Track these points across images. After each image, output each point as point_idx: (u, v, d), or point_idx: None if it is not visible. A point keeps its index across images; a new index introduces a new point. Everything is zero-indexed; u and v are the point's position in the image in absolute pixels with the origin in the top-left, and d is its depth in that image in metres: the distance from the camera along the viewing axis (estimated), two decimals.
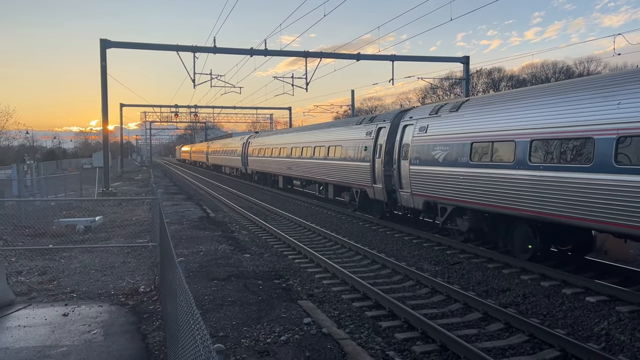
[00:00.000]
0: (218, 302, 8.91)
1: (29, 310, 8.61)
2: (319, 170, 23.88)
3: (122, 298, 9.31)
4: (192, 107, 67.99)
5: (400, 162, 16.20)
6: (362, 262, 12.49)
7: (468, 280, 10.61)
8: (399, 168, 16.22)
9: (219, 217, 21.24)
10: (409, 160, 15.58)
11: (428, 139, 14.72)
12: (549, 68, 67.73)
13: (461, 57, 35.25)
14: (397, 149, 16.48)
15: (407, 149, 15.75)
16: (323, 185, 24.20)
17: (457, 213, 13.66)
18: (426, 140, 14.80)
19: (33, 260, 12.46)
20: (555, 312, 8.47)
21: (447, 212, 14.00)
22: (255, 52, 30.86)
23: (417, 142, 15.22)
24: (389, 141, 17.33)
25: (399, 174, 16.25)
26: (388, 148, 17.31)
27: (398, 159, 16.34)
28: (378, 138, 18.23)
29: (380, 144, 17.90)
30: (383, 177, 17.46)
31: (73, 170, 49.19)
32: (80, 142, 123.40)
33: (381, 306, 8.86)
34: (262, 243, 15.26)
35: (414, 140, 15.39)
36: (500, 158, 11.77)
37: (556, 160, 10.23)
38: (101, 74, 29.29)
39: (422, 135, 15.03)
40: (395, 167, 16.51)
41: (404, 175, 15.94)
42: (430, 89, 68.07)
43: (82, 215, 19.11)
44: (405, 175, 15.82)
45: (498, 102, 12.80)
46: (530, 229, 11.47)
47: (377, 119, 19.21)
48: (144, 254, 12.98)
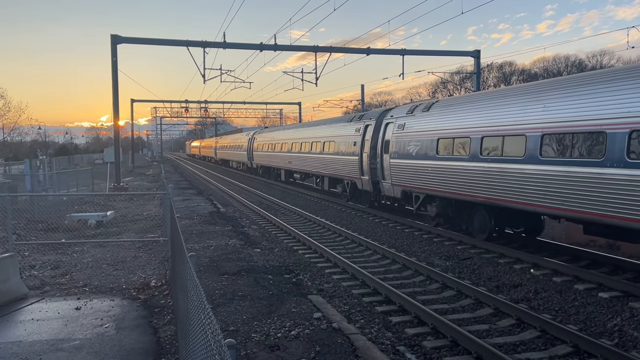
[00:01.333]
0: (229, 296, 8.94)
1: (42, 304, 8.70)
2: (316, 164, 25.85)
3: (133, 292, 9.38)
4: (202, 102, 68.29)
5: (382, 156, 18.06)
6: (372, 257, 12.48)
7: (479, 275, 10.55)
8: (382, 161, 18.13)
9: (230, 211, 21.31)
10: (389, 155, 17.40)
11: (405, 136, 16.55)
12: (560, 62, 67.00)
13: (472, 51, 34.99)
14: (380, 145, 18.34)
15: (388, 144, 17.59)
16: (319, 177, 26.29)
17: (428, 200, 15.55)
18: (403, 137, 16.64)
19: (46, 254, 12.58)
20: (568, 307, 8.40)
21: (419, 200, 15.89)
22: (264, 47, 30.85)
23: (396, 138, 17.07)
24: (374, 137, 19.13)
25: (382, 166, 18.16)
26: (373, 143, 19.07)
27: (381, 153, 18.21)
28: (365, 134, 19.98)
29: (367, 140, 19.65)
30: (369, 169, 19.28)
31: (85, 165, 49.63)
32: (91, 137, 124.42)
33: (391, 301, 8.84)
34: (272, 238, 15.29)
35: (394, 136, 17.24)
36: (459, 152, 13.53)
37: (499, 153, 12.05)
38: (112, 69, 29.45)
39: (400, 132, 16.89)
40: (379, 160, 18.40)
41: (385, 168, 17.80)
42: (441, 83, 67.71)
43: (93, 210, 19.27)
44: (387, 167, 17.70)
45: (457, 105, 14.78)
46: (486, 213, 13.13)
47: (365, 117, 21.05)
48: (155, 249, 13.06)
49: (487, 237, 13.16)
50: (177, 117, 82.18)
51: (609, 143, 9.18)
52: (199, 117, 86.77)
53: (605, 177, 9.23)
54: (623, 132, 8.95)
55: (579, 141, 9.90)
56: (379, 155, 18.34)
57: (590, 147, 9.65)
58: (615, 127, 9.11)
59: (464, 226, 14.32)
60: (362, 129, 20.45)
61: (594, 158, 9.51)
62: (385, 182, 17.99)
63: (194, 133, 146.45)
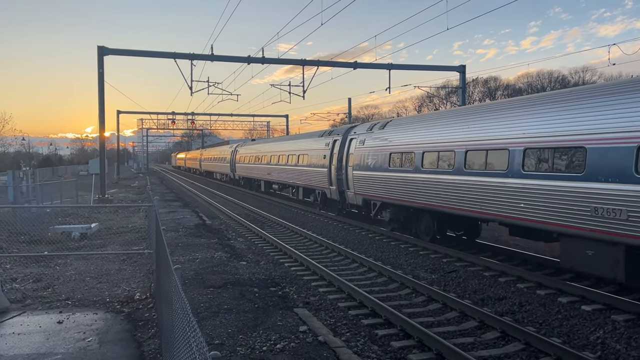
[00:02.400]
0: (214, 309, 8.88)
1: (23, 317, 8.56)
2: (292, 175, 27.84)
3: (117, 305, 9.27)
4: (189, 114, 68.13)
5: (347, 168, 20.13)
6: (358, 270, 12.48)
7: (464, 288, 10.61)
8: (346, 173, 20.15)
9: (215, 224, 21.21)
10: (352, 167, 19.50)
11: (364, 150, 18.60)
12: (544, 77, 68.19)
13: (457, 66, 35.46)
14: (345, 158, 20.45)
15: (351, 157, 19.67)
16: (295, 188, 28.13)
17: (383, 207, 17.64)
18: (363, 151, 18.67)
19: (28, 267, 12.40)
20: (551, 320, 8.48)
21: (377, 207, 17.91)
22: (252, 60, 30.99)
23: (358, 152, 19.12)
24: (340, 151, 21.09)
25: (346, 177, 20.17)
26: (339, 157, 21.06)
27: (345, 165, 20.28)
28: (333, 148, 22.00)
29: (335, 153, 21.67)
30: (336, 180, 21.29)
31: (69, 177, 49.09)
32: (76, 148, 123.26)
33: (377, 314, 8.84)
34: (259, 250, 15.23)
35: (356, 150, 19.35)
36: (406, 165, 15.68)
37: (435, 165, 14.11)
38: (98, 80, 29.34)
39: (361, 147, 18.93)
40: (344, 172, 20.45)
41: (349, 179, 19.82)
42: (427, 97, 68.45)
43: (77, 222, 19.06)
44: (350, 178, 19.75)
45: (405, 124, 17.09)
46: (430, 218, 14.95)
47: (334, 133, 23.19)
48: (139, 261, 12.94)
49: (431, 239, 14.95)
50: (164, 129, 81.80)
51: (510, 158, 11.33)
52: (186, 129, 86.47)
53: (508, 185, 11.37)
54: (520, 150, 11.09)
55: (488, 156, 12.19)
56: (344, 168, 20.39)
57: (499, 161, 11.77)
58: (515, 146, 11.28)
59: (413, 230, 16.05)
60: (330, 144, 22.43)
61: (500, 170, 11.67)
62: (349, 192, 19.97)
63: (180, 145, 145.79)
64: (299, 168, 26.46)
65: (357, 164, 18.99)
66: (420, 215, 15.53)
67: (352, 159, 19.48)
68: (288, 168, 28.55)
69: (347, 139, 20.57)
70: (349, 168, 19.74)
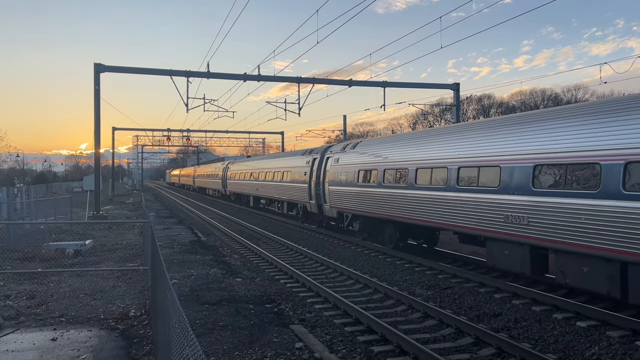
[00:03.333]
0: (209, 326, 8.84)
1: (16, 334, 8.49)
2: (277, 191, 29.89)
3: (112, 322, 9.21)
4: (185, 131, 68.22)
5: (324, 183, 21.98)
6: (354, 287, 12.47)
7: (460, 304, 10.62)
8: (323, 188, 22.06)
9: (210, 240, 21.15)
10: (328, 182, 21.38)
11: (338, 167, 20.51)
12: (537, 95, 68.89)
13: (451, 84, 35.82)
14: (322, 174, 22.32)
15: (328, 174, 21.59)
16: (280, 202, 30.38)
17: (354, 219, 19.59)
18: (337, 168, 20.58)
19: (21, 284, 12.31)
20: (547, 336, 8.49)
21: (348, 218, 20.00)
22: (248, 77, 31.19)
23: (333, 169, 21.06)
24: (319, 168, 22.96)
25: (324, 192, 22.07)
26: (318, 173, 22.96)
27: (323, 181, 22.14)
28: (313, 166, 23.88)
29: (314, 170, 23.55)
30: (315, 194, 23.18)
31: (63, 193, 48.89)
32: (71, 165, 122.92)
33: (373, 331, 8.83)
34: (254, 267, 15.19)
35: (331, 168, 21.29)
36: (372, 180, 17.40)
37: (394, 181, 16.02)
38: (94, 97, 29.41)
39: (336, 165, 20.86)
40: (322, 187, 22.28)
41: (326, 193, 21.74)
42: (422, 114, 68.92)
43: (72, 238, 18.94)
44: (327, 193, 21.63)
45: (372, 145, 19.05)
46: (393, 228, 16.68)
47: (314, 152, 24.99)
48: (134, 278, 12.88)
49: (394, 247, 16.74)
50: (159, 146, 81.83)
51: (448, 174, 13.22)
52: (181, 145, 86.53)
53: (447, 198, 13.16)
54: (455, 168, 13.04)
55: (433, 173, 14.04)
56: (322, 183, 22.29)
57: (441, 177, 13.68)
58: (452, 164, 13.11)
59: (379, 238, 17.83)
60: (310, 162, 24.33)
61: (441, 185, 13.51)
62: (326, 205, 21.96)
63: (175, 162, 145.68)
64: (283, 184, 28.52)
65: (332, 180, 21.00)
66: (384, 225, 17.34)
67: (329, 175, 21.48)
68: (274, 184, 30.60)
69: (325, 157, 22.63)
70: (326, 184, 21.70)
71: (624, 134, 8.76)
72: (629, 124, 8.73)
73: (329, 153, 22.28)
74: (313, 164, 23.93)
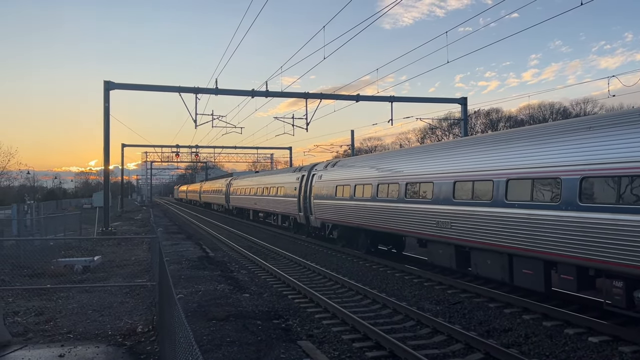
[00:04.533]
0: (217, 342, 8.80)
1: (24, 351, 8.49)
2: (272, 204, 32.78)
3: (119, 338, 9.19)
4: (194, 147, 68.65)
5: (310, 197, 24.74)
6: (362, 302, 12.37)
7: (469, 320, 10.50)
8: (310, 201, 24.74)
9: (218, 256, 21.13)
10: (313, 196, 24.17)
11: (321, 183, 23.41)
12: (546, 109, 68.70)
13: (459, 98, 35.86)
14: (309, 189, 25.01)
15: (313, 188, 24.33)
16: (275, 215, 33.06)
17: (334, 227, 22.47)
18: (321, 184, 23.48)
19: (30, 300, 12.34)
20: (558, 352, 8.36)
21: (329, 227, 22.88)
22: (256, 93, 31.42)
23: (318, 185, 23.84)
24: (306, 184, 25.62)
25: (310, 205, 24.76)
26: (305, 189, 25.59)
27: (309, 195, 24.85)
28: (302, 182, 26.41)
29: (303, 186, 26.12)
30: (303, 207, 25.89)
31: (73, 210, 49.18)
32: (80, 182, 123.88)
33: (382, 347, 8.74)
34: (262, 282, 15.14)
35: (316, 183, 24.10)
36: (346, 194, 20.20)
37: (362, 194, 18.71)
38: (104, 114, 29.71)
39: (319, 181, 23.76)
40: (308, 201, 24.98)
41: (312, 206, 24.46)
42: (429, 129, 68.88)
43: (80, 255, 19.00)
44: (312, 206, 24.38)
45: (346, 165, 22.06)
46: (365, 236, 19.36)
47: (303, 169, 27.79)
48: (142, 294, 12.87)
49: (366, 252, 19.46)
50: (168, 162, 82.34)
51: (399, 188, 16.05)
52: (190, 161, 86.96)
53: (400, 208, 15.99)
54: (404, 183, 15.92)
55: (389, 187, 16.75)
56: (309, 197, 24.97)
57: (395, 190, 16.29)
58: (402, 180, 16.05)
59: (355, 245, 20.45)
60: (300, 178, 26.91)
61: (395, 197, 16.28)
62: (312, 217, 24.67)
63: (184, 177, 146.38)
64: (278, 198, 31.41)
65: (316, 194, 23.84)
66: (358, 233, 20.02)
67: (314, 190, 24.21)
68: (270, 198, 33.60)
69: (311, 174, 25.27)
70: (312, 197, 24.45)
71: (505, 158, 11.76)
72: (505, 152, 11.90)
73: (315, 170, 25.10)
74: (302, 180, 26.47)
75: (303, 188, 25.94)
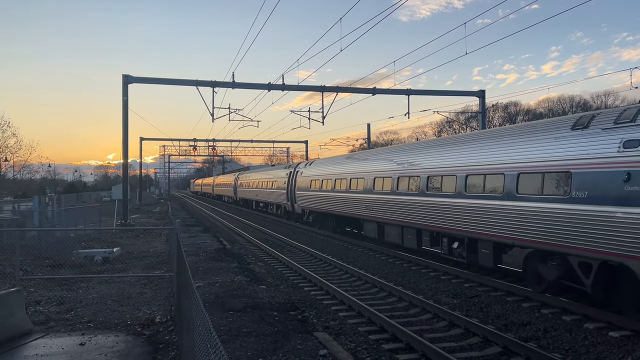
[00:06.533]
0: (234, 332, 8.87)
1: (46, 339, 8.66)
2: (269, 195, 38.98)
3: (138, 328, 9.32)
4: (211, 140, 69.14)
5: (295, 189, 30.85)
6: (378, 295, 12.37)
7: (487, 313, 10.42)
8: (294, 192, 30.91)
9: (235, 248, 21.28)
10: (296, 188, 30.40)
11: (302, 178, 29.54)
12: (565, 102, 67.62)
13: (477, 91, 35.48)
14: (294, 183, 31.07)
15: (297, 182, 30.40)
16: (271, 204, 39.00)
17: (310, 213, 28.44)
18: (301, 179, 29.59)
19: (52, 290, 12.58)
20: (578, 347, 8.26)
21: (307, 213, 28.95)
22: (272, 87, 31.45)
23: (299, 179, 30.05)
24: (292, 178, 31.66)
25: (294, 196, 30.92)
26: (292, 182, 31.67)
27: (294, 188, 30.98)
28: (290, 176, 32.42)
29: (290, 180, 32.05)
30: (290, 198, 32.05)
31: (92, 202, 49.86)
32: (100, 175, 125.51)
33: (398, 339, 8.73)
34: (278, 275, 15.22)
35: (298, 178, 30.27)
36: (317, 186, 26.31)
37: (327, 187, 24.60)
38: (122, 108, 30.04)
39: (301, 176, 29.88)
40: (293, 192, 31.09)
41: (296, 197, 30.64)
42: (446, 122, 68.32)
43: (100, 246, 19.30)
44: (296, 196, 30.60)
45: (319, 163, 28.32)
46: (334, 219, 24.85)
47: (291, 167, 34.35)
48: (160, 285, 13.03)
49: (334, 231, 24.97)
50: (185, 155, 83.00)
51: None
52: (207, 155, 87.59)
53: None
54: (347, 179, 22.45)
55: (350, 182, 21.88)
56: (293, 189, 31.11)
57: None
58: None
59: (326, 227, 26.00)
60: (288, 173, 32.90)
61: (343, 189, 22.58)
62: (296, 205, 30.85)
63: (201, 171, 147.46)
64: (273, 190, 37.41)
65: (298, 187, 29.97)
66: (328, 217, 25.63)
67: (297, 183, 30.23)
68: (267, 191, 39.66)
69: (296, 170, 31.28)
70: (295, 190, 30.59)
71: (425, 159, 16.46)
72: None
73: (298, 168, 31.34)
74: (290, 175, 32.34)
75: (290, 182, 31.84)
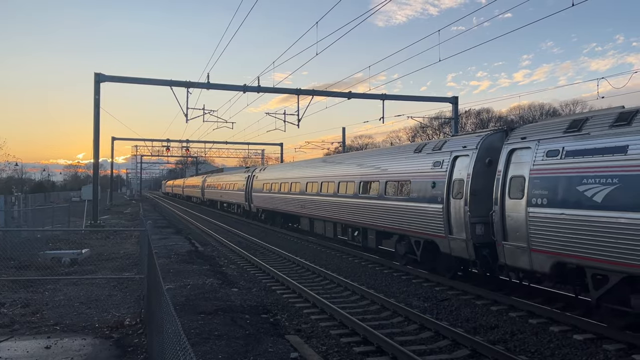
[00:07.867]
0: (204, 335, 8.80)
1: (10, 342, 8.44)
2: (230, 196, 43.53)
3: (106, 331, 9.16)
4: (184, 141, 68.32)
5: (251, 190, 35.02)
6: (350, 298, 12.42)
7: (457, 316, 10.58)
8: (251, 193, 35.34)
9: (208, 250, 21.09)
10: (252, 190, 34.82)
11: (257, 181, 33.99)
12: (536, 109, 69.17)
13: (450, 98, 35.98)
14: (251, 185, 35.47)
15: (253, 184, 34.67)
16: (233, 205, 43.33)
17: (263, 211, 33.24)
18: (256, 182, 34.10)
19: (17, 292, 12.26)
20: (544, 349, 8.45)
21: (260, 211, 33.62)
22: (248, 88, 31.30)
23: (255, 182, 34.44)
24: (250, 180, 36.01)
25: (251, 196, 35.23)
26: (249, 184, 35.85)
27: (251, 189, 35.33)
28: (248, 179, 36.55)
29: (248, 182, 36.21)
30: (248, 198, 36.39)
31: (61, 202, 48.74)
32: (69, 175, 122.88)
33: (369, 342, 8.79)
34: (251, 277, 15.14)
35: (254, 180, 34.60)
36: (267, 188, 31.06)
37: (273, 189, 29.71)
38: (94, 107, 29.43)
39: (256, 180, 34.30)
40: (250, 194, 35.41)
41: (252, 197, 34.97)
42: (420, 127, 69.03)
43: (68, 247, 18.87)
44: (252, 197, 34.93)
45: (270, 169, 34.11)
46: (281, 217, 29.72)
47: (249, 170, 39.17)
48: (130, 287, 12.82)
49: (281, 227, 29.43)
50: (158, 156, 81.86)
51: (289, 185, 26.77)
52: (180, 156, 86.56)
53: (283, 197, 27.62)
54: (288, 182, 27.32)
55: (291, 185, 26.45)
56: (250, 191, 35.33)
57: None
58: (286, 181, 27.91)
59: (275, 223, 30.57)
60: (246, 177, 37.06)
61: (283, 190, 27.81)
62: (252, 204, 35.17)
63: (174, 172, 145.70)
64: (234, 192, 41.46)
65: (254, 189, 34.31)
66: (276, 215, 30.37)
67: (253, 186, 34.56)
68: (229, 192, 43.61)
69: (253, 174, 35.54)
70: (252, 191, 34.79)
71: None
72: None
73: (255, 171, 35.73)
74: (248, 178, 36.53)
75: (247, 184, 36.25)
